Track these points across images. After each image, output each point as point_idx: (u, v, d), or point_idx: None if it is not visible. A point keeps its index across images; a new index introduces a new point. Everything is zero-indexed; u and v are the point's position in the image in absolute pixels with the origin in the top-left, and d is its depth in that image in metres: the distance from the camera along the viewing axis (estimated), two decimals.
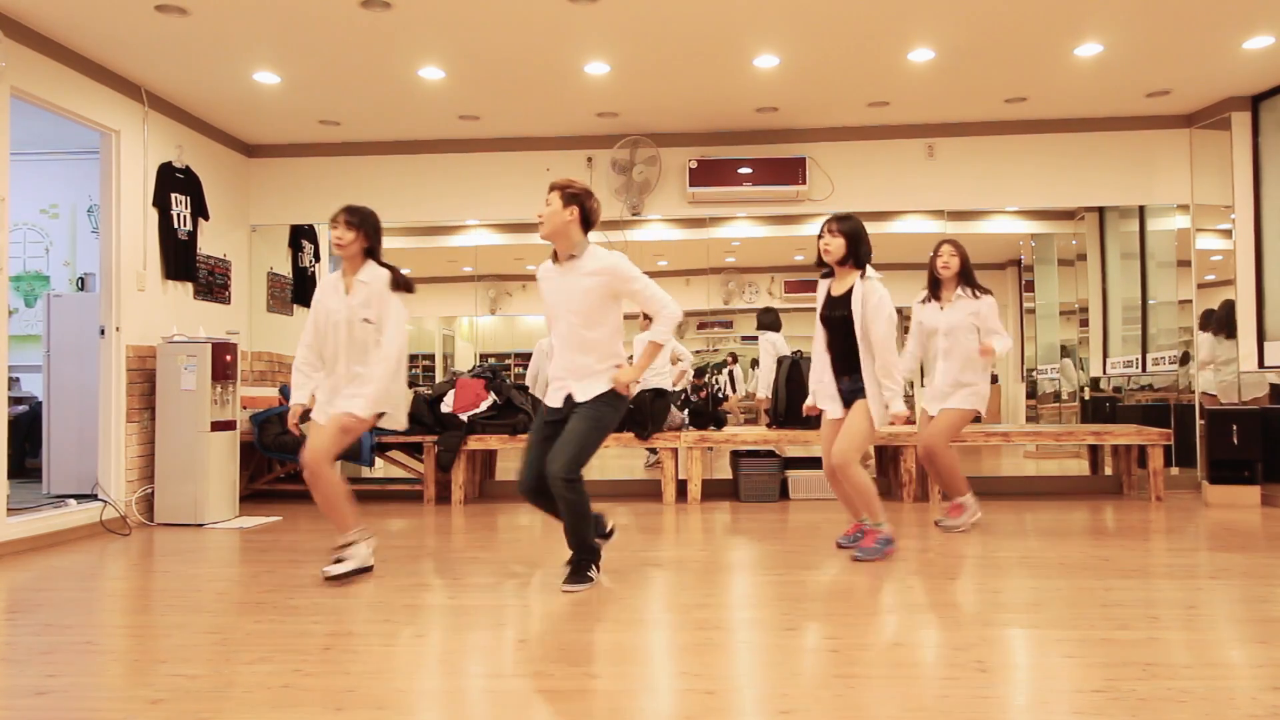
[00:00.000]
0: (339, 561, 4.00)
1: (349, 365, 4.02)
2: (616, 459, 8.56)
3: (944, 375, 5.08)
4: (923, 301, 5.22)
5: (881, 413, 4.30)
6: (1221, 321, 6.64)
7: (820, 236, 4.37)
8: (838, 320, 4.37)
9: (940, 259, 5.11)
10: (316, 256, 7.89)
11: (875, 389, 4.30)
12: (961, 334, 5.04)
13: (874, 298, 4.25)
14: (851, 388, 4.37)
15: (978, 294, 5.07)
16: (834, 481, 4.51)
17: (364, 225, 4.03)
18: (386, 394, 3.97)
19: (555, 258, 3.93)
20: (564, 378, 3.90)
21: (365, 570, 4.07)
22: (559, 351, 3.92)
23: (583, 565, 3.89)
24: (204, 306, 6.61)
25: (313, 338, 4.11)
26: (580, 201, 3.84)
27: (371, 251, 4.07)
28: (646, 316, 7.41)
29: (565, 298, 3.86)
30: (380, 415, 4.01)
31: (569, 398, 3.87)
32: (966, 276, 5.10)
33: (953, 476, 5.12)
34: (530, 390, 7.04)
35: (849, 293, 4.33)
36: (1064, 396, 7.55)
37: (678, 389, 7.29)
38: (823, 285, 4.52)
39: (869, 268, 4.34)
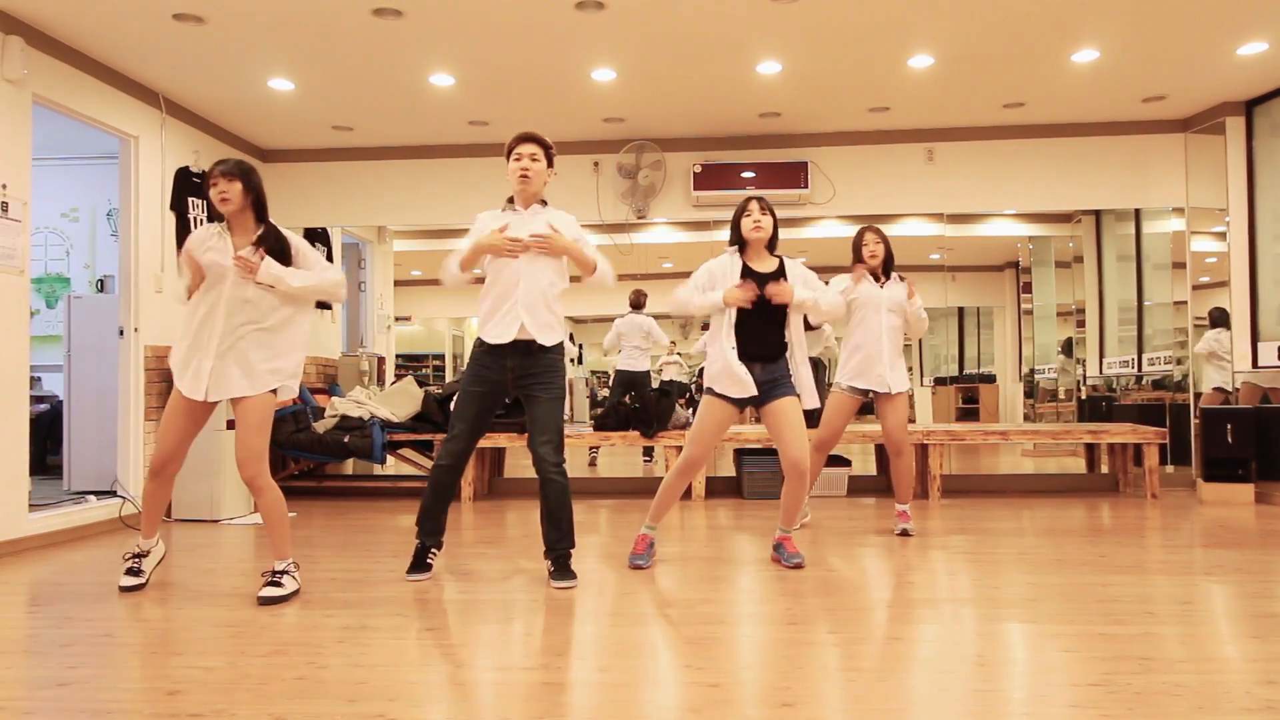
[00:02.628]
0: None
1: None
2: (620, 456, 8.65)
3: (889, 353, 4.86)
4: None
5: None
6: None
7: (747, 214, 4.04)
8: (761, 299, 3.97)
9: (867, 248, 4.92)
10: (329, 259, 8.00)
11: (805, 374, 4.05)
12: (893, 313, 4.91)
13: (806, 273, 4.07)
14: (768, 377, 4.01)
15: (901, 278, 4.97)
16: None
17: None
18: None
19: (511, 203, 3.88)
20: (522, 317, 3.76)
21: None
22: (524, 290, 3.76)
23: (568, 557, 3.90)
24: None
25: None
26: (552, 159, 3.92)
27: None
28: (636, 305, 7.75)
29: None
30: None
31: (532, 343, 3.78)
32: (888, 265, 4.97)
33: (912, 475, 5.10)
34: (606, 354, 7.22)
35: (775, 271, 4.07)
36: (1061, 395, 7.63)
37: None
38: (731, 261, 4.10)
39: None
